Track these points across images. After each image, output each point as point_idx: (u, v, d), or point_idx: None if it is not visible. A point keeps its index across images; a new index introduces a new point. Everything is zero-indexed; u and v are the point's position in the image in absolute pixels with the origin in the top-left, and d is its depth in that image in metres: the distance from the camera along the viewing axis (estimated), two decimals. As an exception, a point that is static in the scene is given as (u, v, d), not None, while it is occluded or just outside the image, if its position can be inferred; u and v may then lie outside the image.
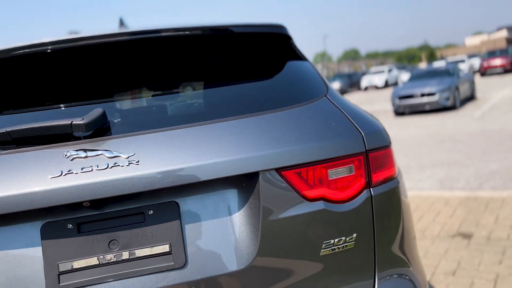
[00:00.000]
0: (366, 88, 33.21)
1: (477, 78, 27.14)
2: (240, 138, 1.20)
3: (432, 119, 12.06)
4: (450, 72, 14.45)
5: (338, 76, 36.79)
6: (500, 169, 5.72)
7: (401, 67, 40.48)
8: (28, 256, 1.12)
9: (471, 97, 15.32)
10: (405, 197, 1.42)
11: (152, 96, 1.41)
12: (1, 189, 1.09)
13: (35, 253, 1.13)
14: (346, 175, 1.24)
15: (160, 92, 1.43)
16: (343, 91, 30.48)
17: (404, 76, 31.27)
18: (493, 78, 25.61)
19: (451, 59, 34.05)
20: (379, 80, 33.16)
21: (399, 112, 13.79)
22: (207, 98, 1.39)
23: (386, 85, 32.95)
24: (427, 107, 13.16)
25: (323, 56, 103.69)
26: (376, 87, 32.93)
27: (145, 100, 1.41)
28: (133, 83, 1.43)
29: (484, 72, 28.42)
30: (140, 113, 1.36)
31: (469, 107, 13.44)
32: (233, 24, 1.45)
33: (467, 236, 3.62)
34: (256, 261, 1.17)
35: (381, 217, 1.28)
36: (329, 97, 1.39)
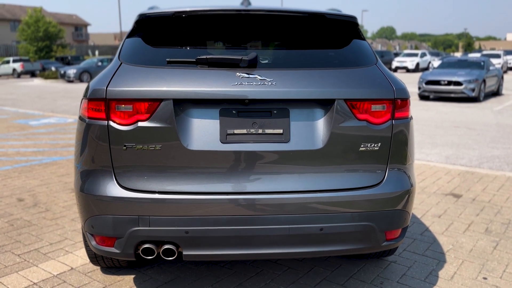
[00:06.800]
0: (396, 69, 33.31)
1: (509, 75, 27.13)
2: (327, 79, 2.13)
3: (453, 106, 12.75)
4: (480, 65, 14.85)
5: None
6: (501, 155, 6.57)
7: (435, 54, 40.10)
8: (212, 123, 2.09)
9: (496, 93, 15.78)
10: (411, 130, 2.32)
11: (278, 50, 2.39)
12: (203, 86, 2.04)
13: (216, 123, 2.09)
14: (381, 110, 2.17)
15: (281, 48, 2.40)
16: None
17: (436, 63, 31.28)
18: (525, 78, 25.63)
19: (486, 52, 33.61)
20: (410, 62, 33.20)
21: (424, 96, 14.46)
22: (307, 55, 2.32)
23: (417, 69, 33.02)
24: (452, 95, 13.80)
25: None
26: (407, 70, 33.02)
27: (275, 52, 2.37)
28: (269, 42, 2.41)
29: (517, 70, 28.34)
30: (273, 59, 2.30)
31: (491, 101, 14.03)
32: (326, 12, 2.34)
33: (457, 196, 4.56)
34: (327, 145, 2.11)
35: (395, 137, 2.21)
36: (377, 65, 2.30)
